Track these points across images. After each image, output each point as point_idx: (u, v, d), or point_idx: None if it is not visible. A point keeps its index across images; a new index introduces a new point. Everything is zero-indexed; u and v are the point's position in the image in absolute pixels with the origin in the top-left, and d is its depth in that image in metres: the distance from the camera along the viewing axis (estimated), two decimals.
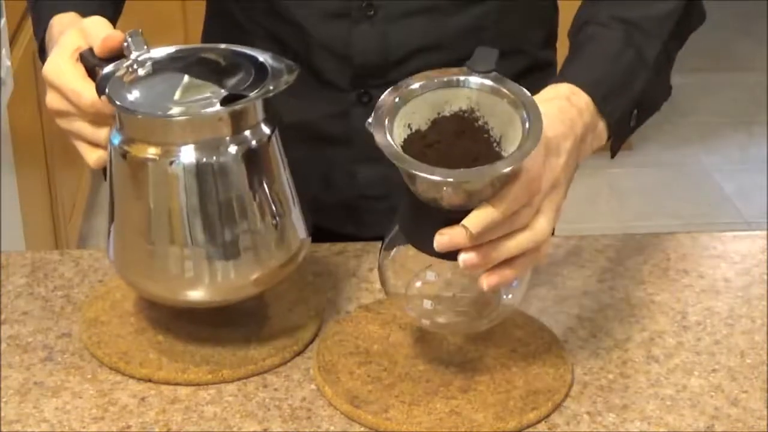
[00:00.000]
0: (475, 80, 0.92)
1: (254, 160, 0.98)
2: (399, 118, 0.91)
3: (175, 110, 0.96)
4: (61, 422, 0.97)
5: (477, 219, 0.88)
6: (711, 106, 3.83)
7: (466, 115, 0.92)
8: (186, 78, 1.00)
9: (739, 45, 4.28)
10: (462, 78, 0.92)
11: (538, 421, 0.97)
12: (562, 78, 1.03)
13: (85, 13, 1.10)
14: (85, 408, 0.99)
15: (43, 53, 1.12)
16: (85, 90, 1.00)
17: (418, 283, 0.99)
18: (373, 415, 0.96)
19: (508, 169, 0.87)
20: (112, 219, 1.02)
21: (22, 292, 1.14)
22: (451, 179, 0.86)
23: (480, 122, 0.91)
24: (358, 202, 1.25)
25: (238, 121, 0.96)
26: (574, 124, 0.98)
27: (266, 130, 0.98)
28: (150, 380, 1.01)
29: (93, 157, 1.03)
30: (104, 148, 1.01)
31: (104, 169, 1.03)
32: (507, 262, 0.91)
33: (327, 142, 1.23)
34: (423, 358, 1.03)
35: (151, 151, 0.96)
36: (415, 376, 1.01)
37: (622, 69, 1.06)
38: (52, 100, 1.03)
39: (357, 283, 1.15)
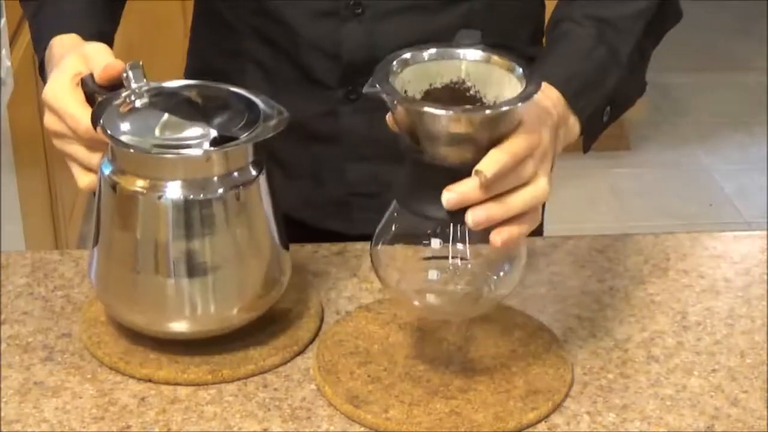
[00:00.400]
0: (463, 52, 0.93)
1: (240, 199, 1.00)
2: (397, 83, 0.92)
3: (167, 147, 0.98)
4: (61, 422, 0.97)
5: (489, 162, 0.88)
6: (711, 106, 3.84)
7: (456, 86, 0.93)
8: (180, 114, 1.01)
9: (739, 45, 4.28)
10: (451, 50, 0.93)
11: (538, 421, 0.97)
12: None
13: (85, 35, 1.11)
14: (85, 408, 0.99)
15: (42, 71, 1.13)
16: (83, 116, 1.02)
17: (418, 261, 0.97)
18: (373, 415, 0.96)
19: (522, 104, 0.88)
20: (96, 243, 1.03)
21: (22, 292, 1.14)
22: (469, 113, 0.87)
23: (472, 92, 0.93)
24: (348, 200, 1.26)
25: (226, 162, 0.98)
26: (550, 111, 0.99)
27: (253, 171, 1.00)
28: (150, 380, 1.01)
29: (85, 180, 1.05)
30: (96, 172, 1.03)
31: (94, 193, 1.04)
32: (511, 220, 0.91)
33: (316, 140, 1.23)
34: (423, 358, 1.03)
35: (140, 184, 0.98)
36: (415, 376, 1.01)
37: (594, 66, 1.07)
38: (51, 122, 1.05)
39: (357, 283, 1.15)
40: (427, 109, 0.87)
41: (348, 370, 1.01)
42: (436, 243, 0.94)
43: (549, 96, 1.01)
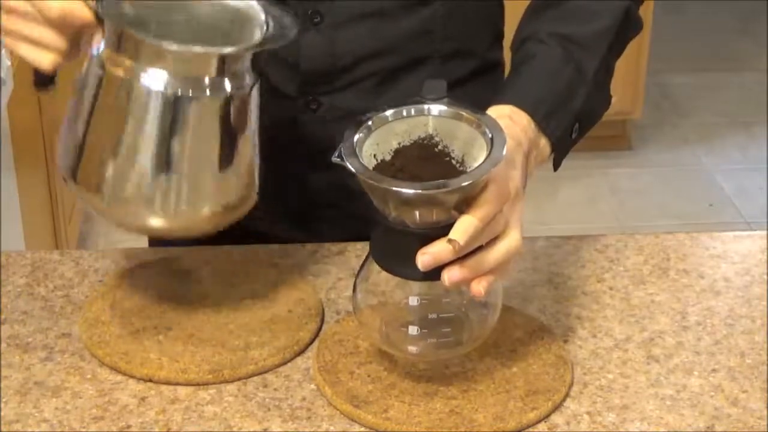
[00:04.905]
0: (429, 107, 0.95)
1: (228, 107, 0.98)
2: (365, 150, 0.94)
3: (168, 39, 0.95)
4: (61, 422, 0.97)
5: (461, 230, 0.90)
6: (711, 106, 3.84)
7: (425, 141, 0.94)
8: (190, 13, 1.00)
9: (739, 45, 4.29)
10: (417, 107, 0.95)
11: (538, 421, 0.97)
12: (503, 99, 1.04)
13: None
14: (85, 408, 0.99)
15: None
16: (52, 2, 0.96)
17: (399, 311, 0.99)
18: (373, 415, 0.96)
19: (483, 175, 0.90)
20: (73, 129, 1.00)
21: (22, 292, 1.14)
22: (439, 190, 0.88)
23: (440, 147, 0.94)
24: (309, 210, 1.24)
25: (221, 66, 0.97)
26: (520, 140, 1.00)
27: (248, 81, 0.99)
28: (150, 380, 1.01)
29: (47, 59, 1.00)
30: (61, 54, 0.99)
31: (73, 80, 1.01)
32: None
33: (276, 150, 1.21)
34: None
35: (133, 72, 0.96)
36: (415, 376, 1.01)
37: (562, 86, 1.07)
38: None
39: None
40: (388, 186, 0.89)
41: (348, 370, 1.01)
42: (413, 300, 0.97)
43: (518, 122, 1.02)
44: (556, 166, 1.12)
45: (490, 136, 0.92)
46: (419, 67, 1.18)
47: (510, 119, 1.01)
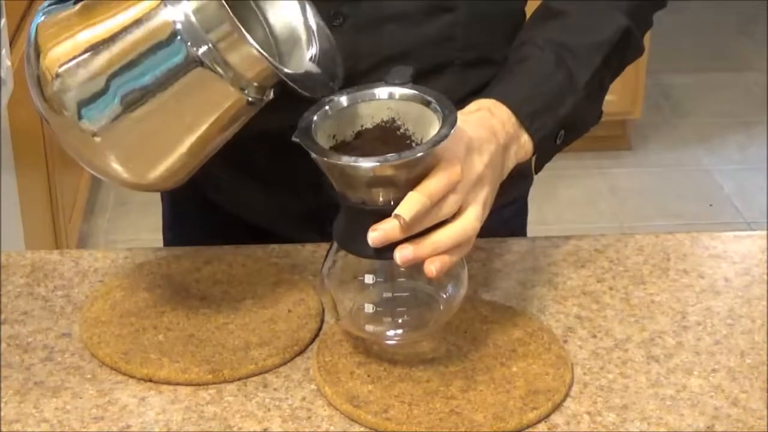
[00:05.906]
0: (392, 91, 0.97)
1: (229, 97, 0.97)
2: (324, 130, 0.95)
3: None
4: (61, 422, 0.97)
5: (406, 206, 0.91)
6: (711, 106, 3.84)
7: (387, 125, 0.96)
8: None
9: (739, 45, 4.29)
10: (379, 90, 0.97)
11: (538, 421, 0.97)
12: (489, 94, 1.06)
13: None
14: (85, 408, 0.99)
15: None
16: None
17: (357, 292, 1.00)
18: (373, 415, 0.96)
19: (425, 151, 0.91)
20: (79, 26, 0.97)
21: (22, 292, 1.14)
22: (377, 164, 0.90)
23: (402, 130, 0.96)
24: (322, 212, 1.24)
25: (256, 72, 0.97)
26: (496, 131, 1.01)
27: (257, 95, 1.00)
28: (150, 380, 1.01)
29: None
30: None
31: None
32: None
33: (293, 151, 1.21)
34: (423, 358, 1.03)
35: (178, 17, 0.94)
36: (415, 376, 1.01)
37: (551, 91, 1.08)
38: None
39: None
40: (326, 159, 0.91)
41: (348, 370, 1.01)
42: (369, 278, 0.98)
43: (497, 115, 1.03)
44: (538, 169, 1.12)
45: (441, 117, 0.93)
46: (440, 74, 1.18)
47: (489, 111, 1.03)
